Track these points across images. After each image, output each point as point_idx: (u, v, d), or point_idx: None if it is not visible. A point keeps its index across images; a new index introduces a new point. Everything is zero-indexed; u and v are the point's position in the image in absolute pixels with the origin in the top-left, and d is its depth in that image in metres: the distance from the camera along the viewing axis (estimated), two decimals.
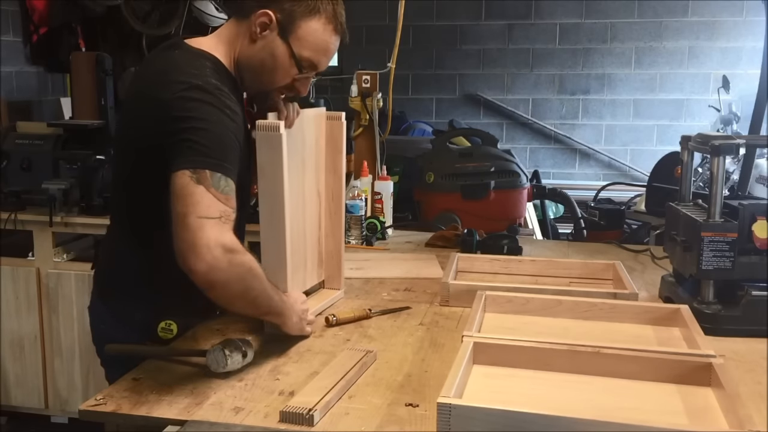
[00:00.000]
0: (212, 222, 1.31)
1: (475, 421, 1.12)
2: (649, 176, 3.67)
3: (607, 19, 6.27)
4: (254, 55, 1.53)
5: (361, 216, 2.53)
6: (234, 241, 1.35)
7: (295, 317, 1.58)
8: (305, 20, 1.51)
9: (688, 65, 6.22)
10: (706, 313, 1.65)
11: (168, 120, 1.39)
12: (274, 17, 1.49)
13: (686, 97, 6.26)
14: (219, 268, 1.31)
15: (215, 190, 1.34)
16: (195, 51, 1.53)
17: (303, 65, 1.54)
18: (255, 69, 1.55)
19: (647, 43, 6.25)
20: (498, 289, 1.78)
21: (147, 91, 1.49)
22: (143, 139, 1.48)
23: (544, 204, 4.11)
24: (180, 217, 1.32)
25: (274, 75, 1.55)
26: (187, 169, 1.33)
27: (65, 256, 3.17)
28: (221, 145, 1.38)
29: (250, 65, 1.55)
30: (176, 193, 1.33)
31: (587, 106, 6.44)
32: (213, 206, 1.33)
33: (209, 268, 1.30)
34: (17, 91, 3.98)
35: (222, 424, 1.21)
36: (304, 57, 1.53)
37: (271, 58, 1.52)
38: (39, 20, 4.07)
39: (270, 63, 1.53)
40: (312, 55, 1.54)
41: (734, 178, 4.20)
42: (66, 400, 3.22)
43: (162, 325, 1.59)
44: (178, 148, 1.36)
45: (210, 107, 1.40)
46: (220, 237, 1.31)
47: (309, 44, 1.52)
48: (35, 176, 3.10)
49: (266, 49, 1.52)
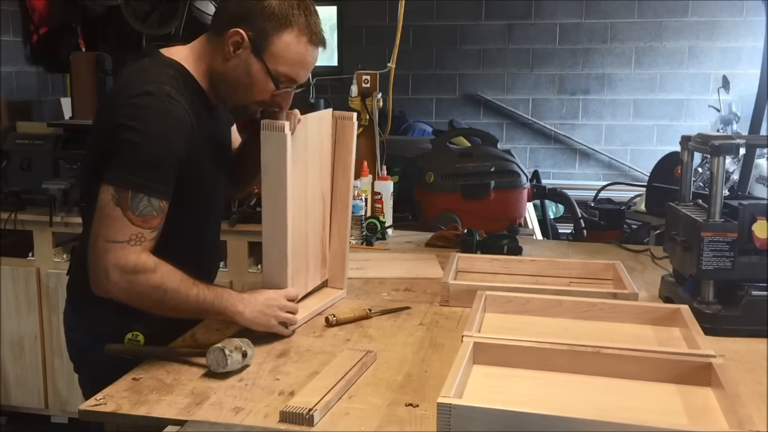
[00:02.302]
0: (117, 246, 1.39)
1: (475, 421, 1.12)
2: (649, 176, 3.67)
3: (607, 19, 6.26)
4: (229, 72, 1.53)
5: (361, 216, 2.53)
6: (139, 262, 1.41)
7: (255, 313, 1.54)
8: (278, 35, 1.49)
9: (688, 65, 6.22)
10: (706, 313, 1.65)
11: (115, 126, 1.42)
12: (246, 36, 1.48)
13: (686, 97, 6.26)
14: (119, 289, 1.41)
15: (132, 213, 1.40)
16: (163, 59, 1.54)
17: (280, 80, 1.53)
18: (231, 85, 1.55)
19: (647, 43, 6.25)
20: (498, 289, 1.78)
21: (108, 95, 1.55)
22: (99, 146, 1.48)
23: (544, 204, 4.10)
24: (93, 237, 1.42)
25: (251, 91, 1.54)
26: (112, 185, 1.40)
27: (65, 256, 3.17)
28: (152, 163, 1.42)
29: (225, 81, 1.55)
30: (98, 208, 1.41)
31: (587, 106, 6.44)
32: (124, 230, 1.40)
33: (107, 291, 1.41)
34: (17, 91, 3.99)
35: (222, 424, 1.21)
36: (280, 72, 1.52)
37: (246, 76, 1.52)
38: (39, 20, 4.07)
39: (245, 80, 1.53)
40: (288, 69, 1.52)
41: (734, 178, 4.20)
42: (66, 400, 3.22)
43: (129, 336, 1.59)
44: (113, 157, 1.41)
45: (155, 116, 1.42)
46: (122, 260, 1.39)
47: (284, 59, 1.51)
48: (35, 176, 3.10)
49: (240, 67, 1.51)
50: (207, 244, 1.74)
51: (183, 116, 1.46)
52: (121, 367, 1.44)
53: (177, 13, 4.02)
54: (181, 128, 1.46)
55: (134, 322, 1.57)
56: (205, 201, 1.66)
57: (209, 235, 1.74)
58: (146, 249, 1.43)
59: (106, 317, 1.56)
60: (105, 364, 1.49)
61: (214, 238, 1.81)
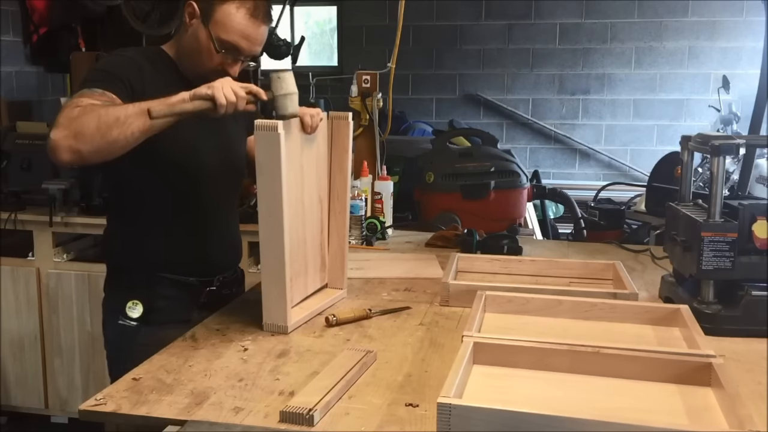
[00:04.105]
0: (65, 110, 1.54)
1: (475, 421, 1.12)
2: (649, 176, 3.67)
3: (607, 19, 6.27)
4: (185, 41, 1.77)
5: (361, 216, 2.53)
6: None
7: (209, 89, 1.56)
8: (220, 6, 1.71)
9: (688, 65, 6.23)
10: (706, 313, 1.65)
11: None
12: (196, 6, 1.73)
13: (686, 97, 6.26)
14: (65, 133, 1.49)
15: (83, 97, 1.58)
16: (146, 47, 1.85)
17: (223, 47, 1.72)
18: (187, 54, 1.78)
19: (647, 43, 6.25)
20: (498, 289, 1.78)
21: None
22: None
23: (544, 204, 4.11)
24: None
25: (200, 57, 1.74)
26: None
27: (65, 256, 3.17)
28: (100, 71, 1.68)
29: (184, 51, 1.79)
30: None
31: (587, 106, 6.44)
32: (74, 102, 1.57)
33: (57, 145, 1.50)
34: (17, 91, 3.99)
35: (222, 424, 1.21)
36: (222, 39, 1.71)
37: (196, 43, 1.74)
38: (39, 20, 4.07)
39: (196, 47, 1.74)
40: (229, 37, 1.71)
41: (734, 178, 4.20)
42: (66, 400, 3.22)
43: (129, 304, 1.78)
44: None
45: (106, 58, 1.79)
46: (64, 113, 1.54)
47: (225, 27, 1.71)
48: (35, 176, 3.10)
49: (193, 35, 1.75)
50: (203, 226, 1.85)
51: (129, 54, 1.75)
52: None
53: (177, 12, 4.01)
54: (125, 61, 1.72)
55: (136, 297, 1.78)
56: (188, 176, 1.78)
57: (204, 215, 1.85)
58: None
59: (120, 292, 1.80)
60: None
61: (215, 223, 1.88)
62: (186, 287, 1.83)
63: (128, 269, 1.82)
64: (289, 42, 3.88)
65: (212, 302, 1.85)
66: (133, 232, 1.81)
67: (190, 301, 1.84)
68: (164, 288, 1.80)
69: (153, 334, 1.70)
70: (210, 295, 1.87)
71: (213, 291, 1.88)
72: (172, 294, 1.81)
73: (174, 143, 1.71)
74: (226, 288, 1.92)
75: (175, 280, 1.82)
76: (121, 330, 1.78)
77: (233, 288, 1.96)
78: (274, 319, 1.63)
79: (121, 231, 1.85)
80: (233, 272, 1.97)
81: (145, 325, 1.77)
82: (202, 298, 1.86)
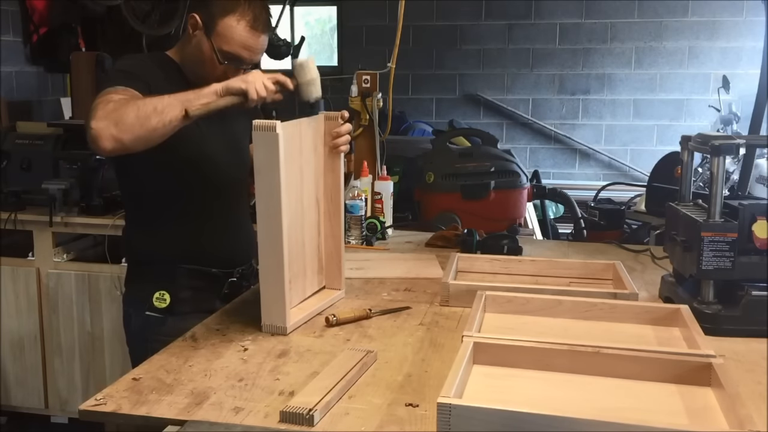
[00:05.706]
0: (99, 104, 1.62)
1: (475, 421, 1.12)
2: (649, 176, 3.67)
3: (607, 19, 6.27)
4: (190, 51, 1.85)
5: (361, 216, 2.53)
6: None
7: (242, 84, 1.63)
8: (221, 18, 1.78)
9: (688, 65, 6.23)
10: (706, 313, 1.65)
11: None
12: (199, 19, 1.80)
13: (686, 97, 6.26)
14: (104, 123, 1.56)
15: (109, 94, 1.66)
16: (151, 53, 1.91)
17: (226, 57, 1.79)
18: (191, 62, 1.86)
19: (647, 43, 6.25)
20: (498, 289, 1.78)
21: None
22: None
23: (544, 204, 4.10)
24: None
25: (204, 66, 1.82)
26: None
27: (65, 256, 3.17)
28: (120, 73, 1.77)
29: (188, 60, 1.87)
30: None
31: (587, 106, 6.44)
32: (105, 97, 1.65)
33: (99, 135, 1.57)
34: (17, 91, 3.99)
35: (222, 424, 1.21)
36: (224, 50, 1.79)
37: (199, 53, 1.82)
38: (39, 20, 4.08)
39: (199, 57, 1.82)
40: (231, 48, 1.79)
41: (734, 178, 4.19)
42: (66, 400, 3.22)
43: (156, 295, 1.86)
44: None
45: (120, 61, 1.89)
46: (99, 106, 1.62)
47: (227, 39, 1.78)
48: (35, 176, 3.10)
49: (197, 46, 1.82)
50: (220, 219, 1.94)
51: (141, 57, 1.93)
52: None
53: (177, 13, 4.02)
54: (141, 63, 1.84)
55: (162, 288, 1.86)
56: (201, 173, 1.86)
57: (219, 209, 1.94)
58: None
59: (144, 285, 1.88)
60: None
61: (231, 216, 1.99)
62: (209, 278, 1.91)
63: (151, 263, 1.89)
64: (289, 42, 3.89)
65: (233, 293, 1.93)
66: (154, 228, 1.90)
67: (213, 292, 1.92)
68: (188, 279, 1.89)
69: (178, 324, 1.76)
70: (231, 286, 1.94)
71: (234, 282, 1.95)
72: (196, 285, 1.90)
73: (188, 142, 1.79)
74: (245, 280, 1.99)
75: (198, 270, 1.90)
76: (146, 322, 1.86)
77: (250, 280, 2.01)
78: (273, 320, 1.63)
79: (142, 228, 1.93)
80: (249, 265, 2.01)
81: (171, 316, 1.85)
82: (224, 288, 1.93)
